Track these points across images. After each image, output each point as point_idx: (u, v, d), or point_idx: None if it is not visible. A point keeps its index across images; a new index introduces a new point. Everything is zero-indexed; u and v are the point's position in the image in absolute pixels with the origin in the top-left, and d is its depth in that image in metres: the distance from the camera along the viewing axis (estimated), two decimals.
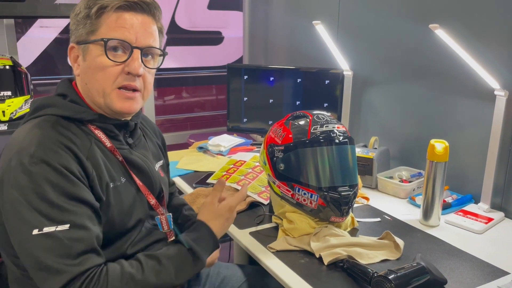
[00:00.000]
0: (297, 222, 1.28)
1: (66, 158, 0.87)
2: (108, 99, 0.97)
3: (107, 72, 0.95)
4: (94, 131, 0.98)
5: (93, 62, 0.95)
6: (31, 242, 0.83)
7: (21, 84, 1.90)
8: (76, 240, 0.85)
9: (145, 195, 1.05)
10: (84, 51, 0.96)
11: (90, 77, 0.97)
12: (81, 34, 0.96)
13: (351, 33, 2.04)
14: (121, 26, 0.94)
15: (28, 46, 2.44)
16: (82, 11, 0.95)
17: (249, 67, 2.37)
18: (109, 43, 0.94)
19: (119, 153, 1.00)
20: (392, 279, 0.98)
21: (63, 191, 0.85)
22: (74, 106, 0.97)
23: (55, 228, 0.83)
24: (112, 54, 0.95)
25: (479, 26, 1.49)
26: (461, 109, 1.60)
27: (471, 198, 1.57)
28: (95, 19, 0.94)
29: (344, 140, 1.28)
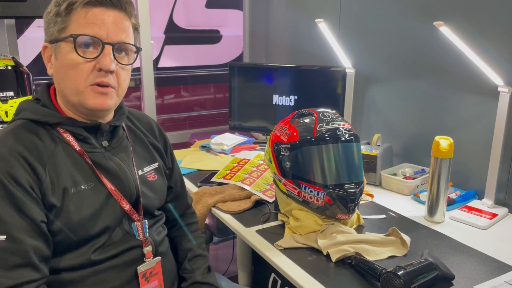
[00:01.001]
0: (303, 220, 1.29)
1: (16, 168, 0.87)
2: (82, 96, 0.95)
3: (79, 70, 0.93)
4: (63, 134, 0.97)
5: (64, 59, 0.94)
6: None
7: (24, 85, 1.90)
8: (11, 253, 0.84)
9: (118, 201, 1.01)
10: (56, 49, 0.95)
11: (62, 75, 0.96)
12: (52, 32, 0.95)
13: (353, 30, 2.04)
14: (91, 22, 0.92)
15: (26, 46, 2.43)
16: (52, 9, 0.94)
17: (250, 66, 2.37)
18: (79, 39, 0.92)
19: (88, 157, 0.98)
20: (401, 275, 0.98)
21: (5, 202, 0.85)
22: (42, 109, 0.97)
23: None
24: (82, 51, 0.93)
25: (483, 23, 1.49)
26: (464, 106, 1.61)
27: (475, 194, 1.58)
28: (65, 16, 0.93)
29: (350, 138, 1.29)
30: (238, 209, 1.47)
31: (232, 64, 2.35)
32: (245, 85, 2.28)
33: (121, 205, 1.01)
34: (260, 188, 1.59)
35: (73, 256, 0.95)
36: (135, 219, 1.04)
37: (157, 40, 2.77)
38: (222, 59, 3.09)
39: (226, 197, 1.53)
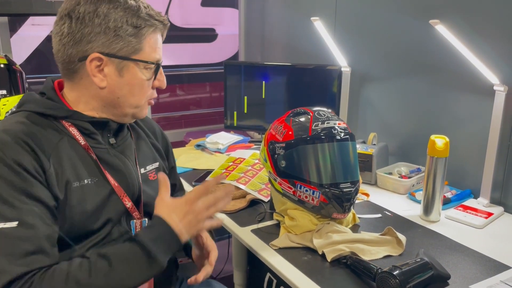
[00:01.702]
0: (299, 219, 1.28)
1: (22, 154, 0.87)
2: (139, 109, 1.03)
3: (145, 88, 1.01)
4: (68, 128, 0.97)
5: (134, 79, 0.98)
6: None
7: (16, 83, 1.88)
8: (22, 239, 0.83)
9: (120, 197, 1.01)
10: (121, 66, 0.96)
11: (126, 92, 0.99)
12: (120, 49, 0.95)
13: (349, 29, 2.04)
14: (158, 47, 1.01)
15: (20, 44, 2.41)
16: (126, 27, 0.94)
17: (245, 64, 2.36)
18: (159, 66, 1.02)
19: (93, 152, 0.98)
20: (397, 275, 0.98)
21: (13, 187, 0.84)
22: (48, 102, 0.98)
23: (3, 224, 0.82)
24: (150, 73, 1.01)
25: (479, 21, 1.49)
26: (460, 105, 1.61)
27: (470, 193, 1.58)
28: (142, 39, 0.96)
29: (345, 137, 1.28)
30: (233, 209, 1.46)
31: (228, 62, 2.34)
32: (241, 84, 2.27)
33: (123, 202, 1.02)
34: (255, 188, 1.58)
35: (68, 251, 0.94)
36: (135, 217, 1.05)
37: None
38: (218, 58, 3.08)
39: None
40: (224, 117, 2.35)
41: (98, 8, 0.92)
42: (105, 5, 0.93)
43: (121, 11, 0.93)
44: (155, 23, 0.98)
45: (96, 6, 0.92)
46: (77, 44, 0.93)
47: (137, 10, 0.95)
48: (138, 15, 0.95)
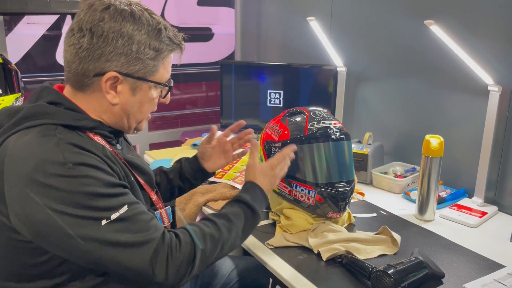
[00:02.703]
0: (294, 219, 1.28)
1: (93, 157, 0.87)
2: (141, 124, 1.04)
3: (153, 105, 1.03)
4: (93, 137, 0.95)
5: (145, 98, 0.99)
6: (105, 232, 0.83)
7: (12, 82, 1.87)
8: (140, 214, 0.88)
9: (148, 193, 1.06)
10: (136, 86, 0.96)
11: (137, 109, 1.00)
12: (137, 70, 0.94)
13: (344, 29, 2.04)
14: (170, 64, 1.02)
15: (15, 43, 2.40)
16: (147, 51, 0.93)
17: (241, 64, 2.36)
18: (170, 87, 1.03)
19: (120, 156, 0.99)
20: (391, 274, 0.98)
21: (106, 182, 0.86)
22: (73, 114, 0.93)
23: (118, 213, 0.85)
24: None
25: (474, 22, 1.50)
26: (455, 105, 1.62)
27: (465, 192, 1.59)
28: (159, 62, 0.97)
29: (341, 136, 1.29)
30: None
31: (224, 62, 2.34)
32: (237, 83, 2.27)
33: (150, 196, 1.07)
34: None
35: None
36: (159, 208, 1.09)
37: None
38: (214, 57, 3.08)
39: (217, 196, 1.53)
40: (220, 117, 2.35)
41: (122, 28, 0.90)
42: (130, 26, 0.91)
43: (144, 33, 0.92)
44: (174, 48, 0.99)
45: (121, 26, 0.90)
46: (95, 60, 0.90)
47: (159, 32, 0.94)
48: (161, 39, 0.95)
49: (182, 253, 0.89)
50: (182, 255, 0.89)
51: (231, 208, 1.04)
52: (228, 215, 1.01)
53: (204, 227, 0.96)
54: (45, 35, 2.53)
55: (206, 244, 0.93)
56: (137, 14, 0.92)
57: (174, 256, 0.88)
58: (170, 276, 0.87)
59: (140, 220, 0.88)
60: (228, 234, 0.98)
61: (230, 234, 0.98)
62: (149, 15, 0.94)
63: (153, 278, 0.86)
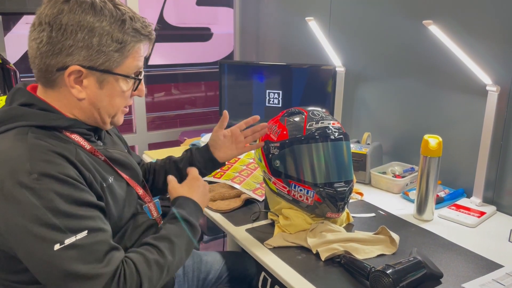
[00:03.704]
0: (293, 218, 1.28)
1: (63, 165, 0.85)
2: (116, 117, 1.01)
3: (124, 98, 0.99)
4: (71, 136, 0.94)
5: (114, 91, 0.95)
6: (56, 258, 0.80)
7: (10, 82, 1.87)
8: (98, 243, 0.85)
9: (134, 188, 1.06)
10: (103, 79, 0.93)
11: (107, 103, 0.96)
12: (102, 63, 0.90)
13: (343, 29, 2.04)
14: (141, 55, 0.98)
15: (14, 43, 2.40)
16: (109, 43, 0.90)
17: (240, 64, 2.36)
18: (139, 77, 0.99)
19: (100, 153, 0.99)
20: (390, 274, 0.98)
21: (72, 200, 0.83)
22: (46, 114, 0.91)
23: (75, 237, 0.82)
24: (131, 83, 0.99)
25: (472, 22, 1.50)
26: (453, 105, 1.62)
27: (463, 192, 1.59)
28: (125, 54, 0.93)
29: (340, 136, 1.29)
30: (227, 208, 1.47)
31: (223, 62, 2.34)
32: (236, 83, 2.27)
33: (136, 191, 1.07)
34: (250, 187, 1.58)
35: None
36: (146, 202, 1.10)
37: None
38: (213, 57, 3.08)
39: (216, 196, 1.53)
40: (219, 116, 2.34)
41: (82, 21, 0.87)
42: (90, 18, 0.87)
43: (107, 25, 0.89)
44: (142, 39, 0.95)
45: (80, 18, 0.87)
46: (56, 55, 0.88)
47: (123, 23, 0.91)
48: (124, 30, 0.91)
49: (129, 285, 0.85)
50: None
51: (171, 228, 1.00)
52: (170, 236, 0.98)
53: (147, 254, 0.92)
54: None
55: (152, 272, 0.90)
56: (98, 6, 0.88)
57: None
58: None
59: (96, 251, 0.84)
60: (172, 257, 0.95)
61: (174, 257, 0.96)
62: (113, 6, 0.90)
63: None
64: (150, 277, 0.89)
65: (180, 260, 0.99)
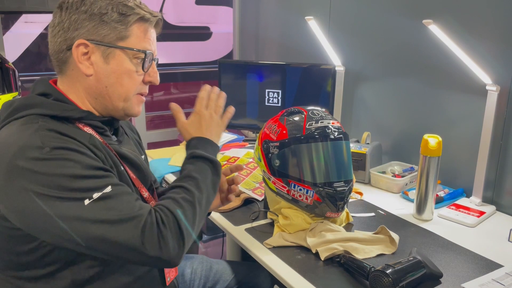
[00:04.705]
0: (292, 218, 1.28)
1: (72, 142, 0.87)
2: (129, 103, 1.00)
3: (134, 79, 0.99)
4: (83, 128, 0.95)
5: (121, 67, 0.96)
6: (89, 211, 0.82)
7: (9, 81, 1.86)
8: (124, 194, 0.88)
9: (139, 188, 1.05)
10: (108, 54, 0.95)
11: (114, 81, 0.97)
12: (105, 35, 0.93)
13: (343, 28, 2.04)
14: (149, 39, 0.99)
15: (13, 42, 2.40)
16: (111, 14, 0.93)
17: (240, 63, 2.36)
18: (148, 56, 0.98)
19: (111, 148, 0.99)
20: (390, 274, 0.98)
21: (86, 165, 0.85)
22: (61, 104, 0.94)
23: (101, 192, 0.84)
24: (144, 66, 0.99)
25: (472, 21, 1.50)
26: (453, 104, 1.62)
27: (463, 192, 1.59)
28: (127, 27, 0.95)
29: (339, 136, 1.29)
30: (227, 208, 1.46)
31: (222, 61, 2.34)
32: (235, 83, 2.27)
33: (141, 193, 1.05)
34: (249, 186, 1.58)
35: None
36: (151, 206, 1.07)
37: None
38: (212, 56, 3.07)
39: None
40: None
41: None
42: None
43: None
44: (142, 12, 0.97)
45: None
46: (65, 32, 0.93)
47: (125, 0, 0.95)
48: (125, 3, 0.95)
49: (167, 228, 0.87)
50: (168, 230, 0.86)
51: (190, 167, 1.00)
52: (191, 173, 0.98)
53: (174, 195, 0.94)
54: (43, 33, 2.52)
55: (183, 208, 0.91)
56: None
57: (163, 232, 0.85)
58: (164, 251, 0.85)
59: (126, 199, 0.87)
60: (199, 192, 0.96)
61: (201, 191, 0.96)
62: None
63: (145, 253, 0.83)
64: (184, 213, 0.90)
65: (208, 195, 0.98)
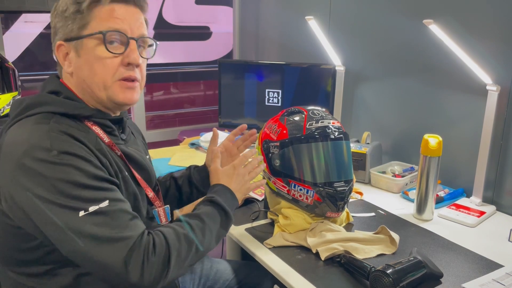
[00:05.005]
0: (293, 218, 1.28)
1: (81, 148, 0.87)
2: (110, 91, 0.96)
3: (106, 65, 0.95)
4: (92, 127, 0.96)
5: (90, 56, 0.94)
6: (82, 223, 0.82)
7: (9, 80, 1.87)
8: (120, 211, 0.87)
9: (144, 189, 1.05)
10: (77, 47, 0.95)
11: (88, 72, 0.95)
12: (71, 30, 0.94)
13: (343, 28, 2.04)
14: (115, 17, 0.94)
15: (13, 41, 2.39)
16: (70, 7, 0.93)
17: (240, 63, 2.36)
18: (108, 35, 0.93)
19: (117, 148, 0.99)
20: (390, 274, 0.98)
21: (90, 174, 0.85)
22: (70, 102, 0.95)
23: (98, 206, 0.84)
24: (110, 47, 0.94)
25: (473, 21, 1.50)
26: (453, 104, 1.62)
27: (463, 192, 1.59)
28: (86, 13, 0.93)
29: (340, 136, 1.28)
30: None
31: (222, 61, 2.33)
32: (235, 82, 2.27)
33: (146, 193, 1.05)
34: None
35: None
36: (157, 206, 1.08)
37: None
38: (212, 56, 3.07)
39: None
40: (219, 116, 2.34)
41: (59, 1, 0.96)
42: None
43: None
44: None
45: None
46: (53, 37, 0.98)
47: None
48: None
49: (157, 255, 0.86)
50: (157, 258, 0.86)
51: (205, 209, 1.01)
52: (202, 216, 0.98)
53: (178, 228, 0.93)
54: (43, 33, 2.52)
55: (181, 245, 0.90)
56: None
57: (150, 259, 0.85)
58: (145, 278, 0.84)
59: (120, 217, 0.86)
60: (202, 236, 0.95)
61: (204, 236, 0.96)
62: None
63: (127, 278, 0.83)
64: (179, 249, 0.89)
65: (209, 243, 0.97)
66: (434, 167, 1.38)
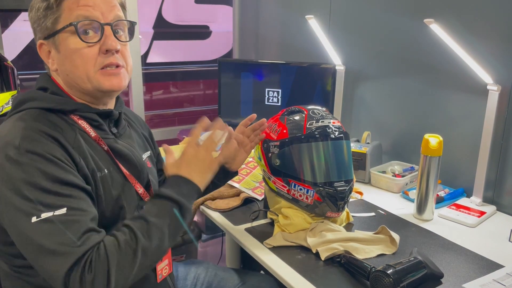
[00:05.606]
0: (293, 218, 1.28)
1: (52, 146, 0.87)
2: (95, 81, 0.95)
3: (85, 55, 0.94)
4: (78, 121, 0.96)
5: (68, 50, 0.94)
6: (32, 230, 0.81)
7: (8, 79, 1.85)
8: (74, 222, 0.84)
9: (133, 184, 1.03)
10: (56, 43, 0.95)
11: (69, 66, 0.95)
12: (46, 27, 0.94)
13: (343, 27, 2.03)
14: (85, 5, 0.93)
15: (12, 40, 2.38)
16: (40, 5, 0.94)
17: (239, 62, 2.35)
18: (79, 25, 0.92)
19: (104, 143, 0.99)
20: (390, 274, 0.98)
21: (54, 177, 0.84)
22: (55, 97, 0.96)
23: (52, 213, 0.82)
24: (84, 37, 0.93)
25: (474, 21, 1.50)
26: (454, 104, 1.62)
27: (463, 192, 1.59)
28: (56, 7, 0.93)
29: (340, 135, 1.28)
30: (227, 207, 1.46)
31: (222, 60, 2.33)
32: (235, 82, 2.26)
33: (135, 189, 1.03)
34: (249, 186, 1.58)
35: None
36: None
37: (146, 35, 2.73)
38: (212, 55, 3.06)
39: (215, 195, 1.52)
40: (218, 115, 2.34)
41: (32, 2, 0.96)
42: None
43: None
44: None
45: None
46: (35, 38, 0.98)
47: None
48: None
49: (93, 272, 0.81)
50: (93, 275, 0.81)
51: (148, 207, 0.93)
52: (145, 216, 0.90)
53: (119, 235, 0.87)
54: None
55: (122, 255, 0.84)
56: None
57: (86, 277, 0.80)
58: None
59: (72, 229, 0.82)
60: (147, 239, 0.87)
61: (150, 239, 0.87)
62: None
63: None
64: (119, 259, 0.83)
65: (160, 243, 0.89)
66: (435, 167, 1.38)
